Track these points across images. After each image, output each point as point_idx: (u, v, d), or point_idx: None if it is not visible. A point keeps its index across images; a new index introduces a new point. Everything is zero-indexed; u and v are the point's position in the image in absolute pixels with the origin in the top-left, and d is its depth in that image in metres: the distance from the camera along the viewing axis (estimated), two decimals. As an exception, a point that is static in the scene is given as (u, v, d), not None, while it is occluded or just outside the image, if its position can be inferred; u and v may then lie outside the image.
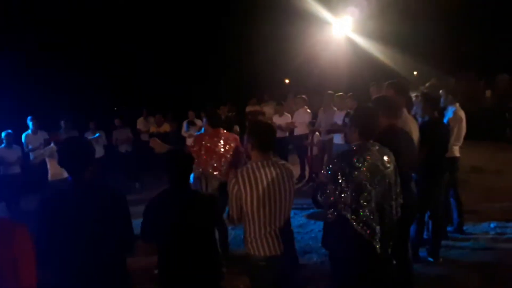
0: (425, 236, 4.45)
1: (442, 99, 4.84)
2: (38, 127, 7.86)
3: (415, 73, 16.88)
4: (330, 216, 2.55)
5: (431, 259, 4.28)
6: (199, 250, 2.59)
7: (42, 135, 7.92)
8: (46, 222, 2.19)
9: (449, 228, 4.93)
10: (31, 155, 7.82)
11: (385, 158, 2.60)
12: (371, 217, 2.48)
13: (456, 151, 4.86)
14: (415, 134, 3.56)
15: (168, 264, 2.59)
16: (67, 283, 2.22)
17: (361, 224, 2.47)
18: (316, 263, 4.43)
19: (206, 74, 19.41)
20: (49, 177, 6.64)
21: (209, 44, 19.49)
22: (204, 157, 4.40)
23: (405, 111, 3.67)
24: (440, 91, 5.04)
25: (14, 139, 7.36)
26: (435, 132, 4.01)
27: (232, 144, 4.53)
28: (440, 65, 13.21)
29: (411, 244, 3.59)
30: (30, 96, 12.83)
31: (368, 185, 2.47)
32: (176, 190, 2.65)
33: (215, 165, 4.43)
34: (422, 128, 3.80)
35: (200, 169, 4.42)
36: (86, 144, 2.43)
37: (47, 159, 6.66)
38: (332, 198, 2.52)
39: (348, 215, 2.47)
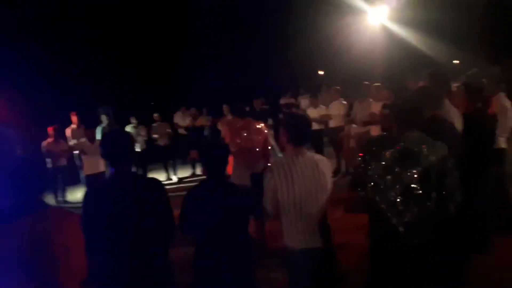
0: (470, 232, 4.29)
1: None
2: (80, 121, 8.28)
3: (455, 62, 16.18)
4: (360, 193, 2.55)
5: (475, 256, 4.12)
6: (234, 243, 2.59)
7: (84, 130, 8.31)
8: (90, 213, 2.27)
9: (496, 225, 4.72)
10: (74, 148, 8.21)
11: (427, 144, 2.48)
12: (398, 200, 2.41)
13: (502, 142, 4.64)
14: (458, 125, 3.43)
15: (204, 256, 2.61)
16: (111, 271, 2.31)
17: (385, 203, 2.43)
18: (353, 258, 4.38)
19: (241, 68, 19.46)
20: (83, 171, 6.74)
21: (244, 37, 19.51)
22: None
23: (447, 101, 3.54)
24: (483, 80, 4.82)
25: (61, 134, 7.74)
26: (479, 123, 3.84)
27: (260, 137, 4.63)
28: (483, 53, 12.60)
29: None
30: (73, 91, 13.37)
31: (396, 167, 2.41)
32: (212, 182, 2.65)
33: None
34: (465, 120, 3.65)
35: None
36: (127, 137, 2.50)
37: (81, 154, 6.76)
38: (361, 179, 2.50)
39: (373, 193, 2.44)
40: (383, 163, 2.43)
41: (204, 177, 2.73)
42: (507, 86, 5.09)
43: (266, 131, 4.88)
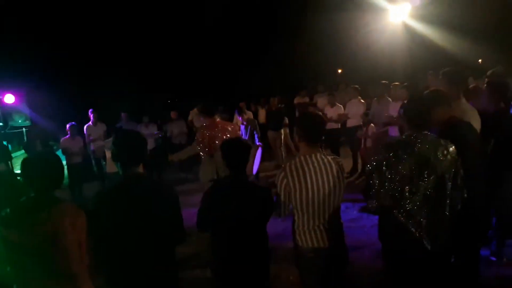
0: (489, 235, 4.18)
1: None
2: (98, 119, 8.45)
3: (480, 60, 15.75)
4: (371, 206, 2.54)
5: (494, 259, 4.01)
6: (251, 242, 2.59)
7: (102, 127, 8.50)
8: (101, 215, 2.29)
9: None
10: (92, 146, 8.39)
11: (440, 149, 2.48)
12: (416, 209, 2.41)
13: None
14: (476, 126, 3.32)
15: (221, 254, 2.61)
16: (117, 272, 2.34)
17: (405, 216, 2.42)
18: (366, 258, 4.32)
19: (258, 66, 19.47)
20: (107, 169, 6.79)
21: (261, 35, 19.51)
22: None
23: (463, 100, 3.44)
24: (507, 79, 4.66)
25: (78, 131, 7.92)
26: (501, 124, 3.72)
27: (229, 135, 4.86)
28: (508, 52, 12.21)
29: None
30: (91, 89, 13.64)
31: (414, 178, 2.40)
32: (232, 180, 2.64)
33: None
34: (487, 120, 3.53)
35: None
36: (139, 139, 2.47)
37: (106, 152, 6.82)
38: (375, 188, 2.47)
39: (388, 203, 2.43)
40: (401, 173, 2.41)
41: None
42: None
43: (238, 131, 5.24)
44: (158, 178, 8.24)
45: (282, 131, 9.40)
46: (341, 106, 8.46)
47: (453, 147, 2.54)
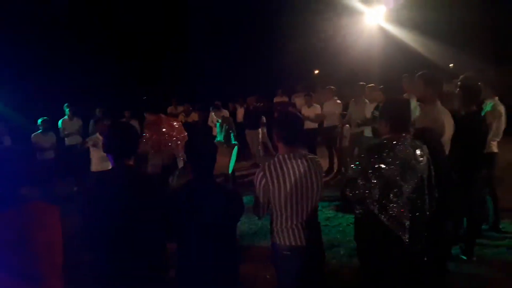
0: (459, 234, 4.31)
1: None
2: (74, 113, 8.24)
3: (451, 65, 16.23)
4: (357, 211, 2.54)
5: (464, 257, 4.14)
6: (219, 246, 2.46)
7: (78, 122, 8.30)
8: (90, 208, 2.23)
9: (484, 226, 4.75)
10: (66, 141, 8.16)
11: (418, 151, 2.53)
12: (401, 212, 2.44)
13: (494, 146, 4.65)
14: (449, 128, 3.42)
15: (188, 259, 2.47)
16: (107, 268, 2.27)
17: (390, 219, 2.44)
18: (342, 257, 4.38)
19: (236, 65, 19.42)
20: (92, 167, 6.32)
21: (240, 34, 19.47)
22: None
23: (438, 103, 3.53)
24: (480, 83, 4.81)
25: (50, 126, 7.67)
26: (472, 126, 3.83)
27: (173, 133, 5.06)
28: (479, 56, 12.63)
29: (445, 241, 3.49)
30: (66, 84, 13.28)
31: (398, 181, 2.43)
32: (199, 182, 2.49)
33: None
34: (459, 123, 3.64)
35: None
36: (133, 130, 2.44)
37: (91, 149, 6.34)
38: (360, 194, 2.48)
39: (376, 210, 2.44)
40: (386, 177, 2.42)
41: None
42: (502, 90, 5.09)
43: (182, 128, 5.32)
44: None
45: (260, 130, 9.42)
46: (319, 106, 8.55)
47: (426, 147, 2.60)
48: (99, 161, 6.04)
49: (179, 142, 5.08)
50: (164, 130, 5.02)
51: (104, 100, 10.64)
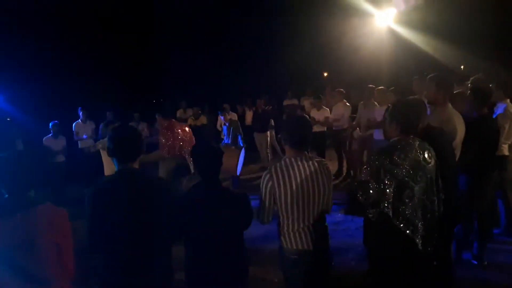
0: (470, 238, 4.25)
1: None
2: (87, 116, 8.38)
3: (462, 67, 16.06)
4: (371, 215, 2.52)
5: (475, 262, 4.08)
6: (228, 252, 2.48)
7: (91, 125, 8.42)
8: (97, 210, 2.24)
9: (495, 231, 4.68)
10: (79, 143, 8.26)
11: (426, 153, 2.53)
12: (414, 214, 2.44)
13: (505, 149, 4.58)
14: (461, 130, 3.38)
15: (197, 266, 2.49)
16: (113, 270, 2.29)
17: (404, 221, 2.44)
18: (351, 261, 4.35)
19: (245, 67, 19.47)
20: (105, 171, 6.47)
21: (249, 36, 19.50)
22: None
23: (449, 105, 3.50)
24: (491, 85, 4.75)
25: (61, 130, 7.78)
26: (484, 129, 3.78)
27: (186, 138, 5.12)
28: (490, 58, 12.47)
29: (456, 246, 3.45)
30: (78, 88, 13.45)
31: (410, 182, 2.43)
32: (205, 187, 2.50)
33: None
34: (470, 125, 3.59)
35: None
36: (137, 133, 2.43)
37: (102, 153, 6.52)
38: (373, 197, 2.47)
39: (390, 213, 2.43)
40: (398, 178, 2.42)
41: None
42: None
43: (191, 134, 5.40)
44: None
45: (268, 133, 9.41)
46: (328, 109, 8.51)
47: (433, 149, 2.59)
48: (111, 165, 5.99)
49: (189, 148, 5.11)
50: (179, 134, 5.08)
51: (116, 103, 10.75)
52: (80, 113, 8.39)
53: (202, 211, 2.42)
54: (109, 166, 6.25)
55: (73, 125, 8.34)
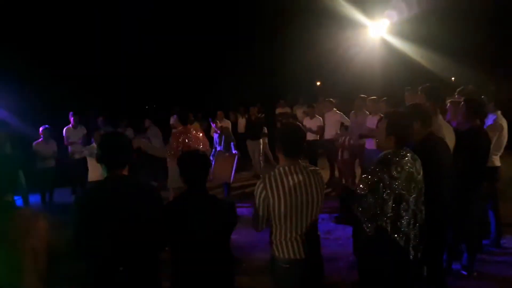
0: (460, 249, 4.26)
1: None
2: (78, 122, 8.30)
3: (453, 78, 16.26)
4: (368, 230, 2.53)
5: (464, 273, 4.09)
6: (213, 259, 2.47)
7: (82, 130, 8.34)
8: (83, 216, 2.21)
9: (485, 241, 4.70)
10: (70, 148, 8.18)
11: (417, 164, 2.57)
12: (409, 226, 2.47)
13: (496, 160, 4.63)
14: (450, 141, 3.41)
15: (182, 272, 2.48)
16: (100, 277, 2.25)
17: (401, 235, 2.47)
18: (342, 270, 4.33)
19: (238, 75, 19.52)
20: (88, 177, 6.29)
21: (243, 44, 19.58)
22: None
23: (440, 117, 3.53)
24: (483, 97, 4.80)
25: (52, 134, 7.70)
26: (475, 141, 3.81)
27: (199, 144, 5.17)
28: (481, 70, 12.66)
29: (445, 256, 3.46)
30: (67, 94, 13.34)
31: (406, 195, 2.46)
32: (191, 194, 2.51)
33: None
34: (462, 136, 3.63)
35: None
36: (126, 140, 2.43)
37: (88, 159, 6.40)
38: (372, 210, 2.48)
39: (389, 228, 2.45)
40: (395, 191, 2.43)
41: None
42: (504, 105, 5.08)
43: (206, 140, 5.51)
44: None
45: (261, 140, 9.42)
46: (320, 118, 8.55)
47: (419, 161, 2.63)
48: (95, 171, 5.96)
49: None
50: (190, 139, 5.15)
51: (107, 109, 10.68)
52: (71, 118, 8.29)
53: (187, 218, 2.41)
54: (94, 173, 6.25)
55: (64, 130, 8.25)
